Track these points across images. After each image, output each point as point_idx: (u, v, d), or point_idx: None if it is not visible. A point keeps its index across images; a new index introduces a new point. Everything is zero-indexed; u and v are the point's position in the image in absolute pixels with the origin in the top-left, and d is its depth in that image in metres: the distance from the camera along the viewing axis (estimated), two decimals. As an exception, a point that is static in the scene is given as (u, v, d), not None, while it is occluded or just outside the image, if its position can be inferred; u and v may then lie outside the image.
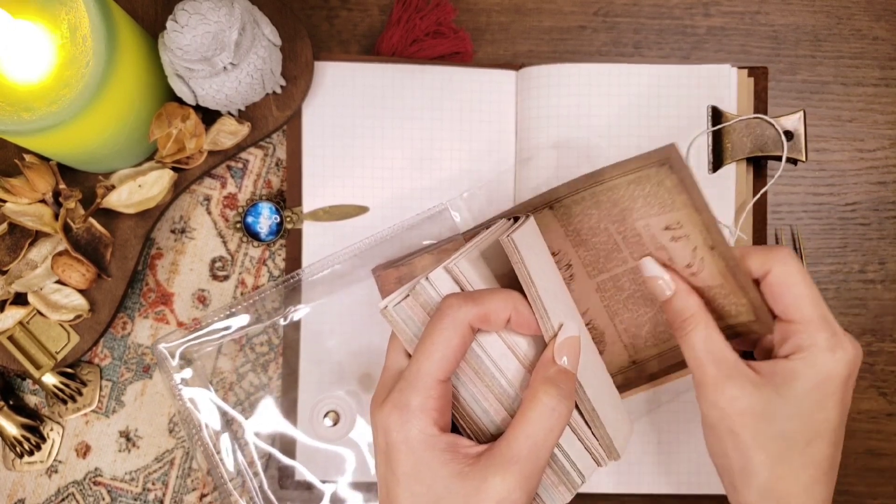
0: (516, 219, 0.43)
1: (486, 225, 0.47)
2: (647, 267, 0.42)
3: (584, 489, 0.52)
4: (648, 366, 0.46)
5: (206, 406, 0.51)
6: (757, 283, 0.40)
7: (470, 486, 0.34)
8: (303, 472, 0.51)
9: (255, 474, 0.51)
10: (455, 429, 0.39)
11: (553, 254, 0.44)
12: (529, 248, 0.38)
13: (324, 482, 0.51)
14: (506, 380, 0.38)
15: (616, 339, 0.46)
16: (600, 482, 0.52)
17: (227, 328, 0.51)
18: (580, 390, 0.38)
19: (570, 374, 0.37)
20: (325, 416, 0.50)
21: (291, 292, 0.51)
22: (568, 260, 0.45)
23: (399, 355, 0.39)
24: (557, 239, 0.44)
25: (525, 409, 0.36)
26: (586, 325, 0.45)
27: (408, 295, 0.38)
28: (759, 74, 0.52)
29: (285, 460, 0.51)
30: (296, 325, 0.51)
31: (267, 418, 0.51)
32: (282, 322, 0.51)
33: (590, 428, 0.39)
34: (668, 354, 0.44)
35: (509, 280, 0.38)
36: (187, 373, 0.50)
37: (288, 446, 0.51)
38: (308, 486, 0.51)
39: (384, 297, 0.47)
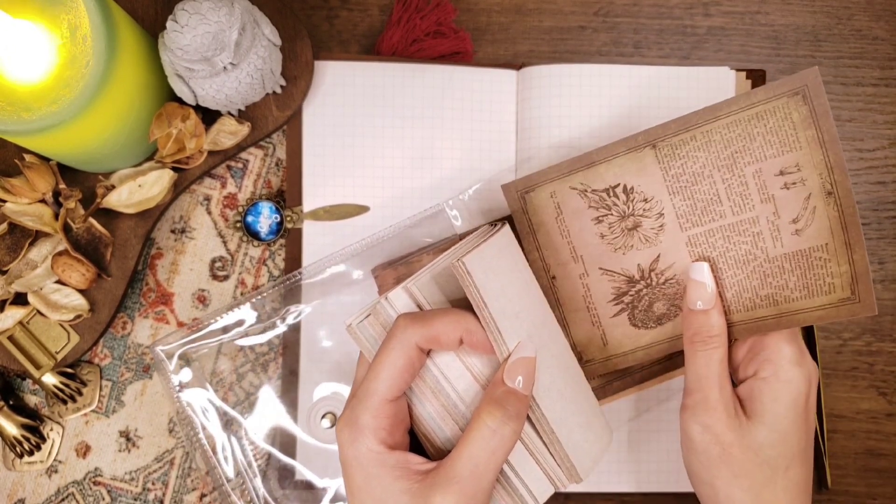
0: (496, 224, 0.43)
1: (474, 230, 0.46)
2: (698, 270, 0.43)
3: (585, 489, 0.52)
4: (729, 332, 0.44)
5: (205, 407, 0.51)
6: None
7: (416, 502, 0.35)
8: (302, 471, 0.51)
9: (255, 475, 0.51)
10: (418, 444, 0.39)
11: (644, 200, 0.43)
12: (488, 267, 0.38)
13: (323, 482, 0.51)
14: (460, 399, 0.38)
15: None
16: (600, 481, 0.52)
17: (226, 329, 0.51)
18: (537, 410, 0.38)
19: (519, 395, 0.36)
20: (323, 417, 0.50)
21: (291, 292, 0.51)
22: (661, 209, 0.43)
23: (364, 370, 0.40)
24: (654, 184, 0.43)
25: (469, 430, 0.36)
26: (670, 279, 0.44)
27: (370, 314, 0.39)
28: (756, 77, 0.52)
29: (285, 460, 0.51)
30: (295, 326, 0.51)
31: (266, 418, 0.51)
32: (279, 323, 0.51)
33: (547, 449, 0.39)
34: (749, 326, 0.43)
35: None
36: (186, 373, 0.50)
37: (288, 446, 0.51)
38: (308, 486, 0.51)
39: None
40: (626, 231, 0.44)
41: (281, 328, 0.51)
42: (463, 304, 0.38)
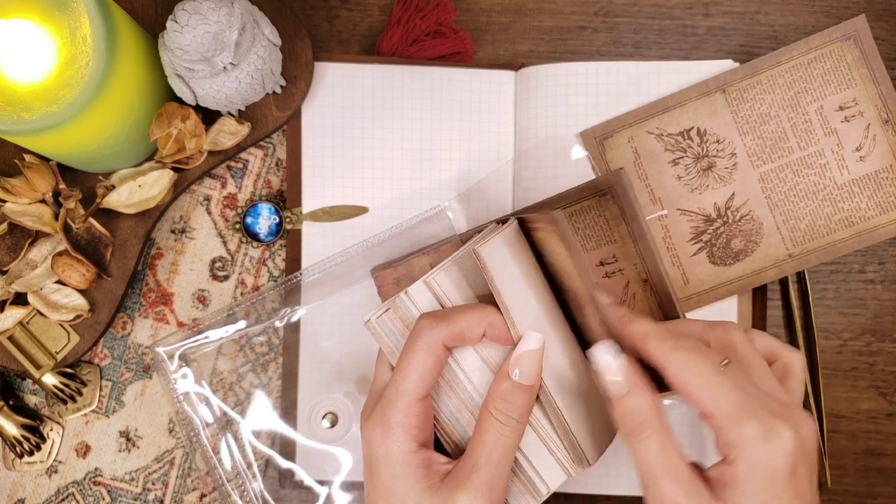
0: (505, 221, 0.43)
1: (479, 229, 0.47)
2: (598, 358, 0.37)
3: (584, 490, 0.52)
4: (807, 260, 0.48)
5: (205, 408, 0.51)
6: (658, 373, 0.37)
7: (438, 500, 0.36)
8: (300, 474, 0.51)
9: (255, 475, 0.51)
10: (438, 441, 0.40)
11: (717, 141, 0.47)
12: (502, 256, 0.38)
13: (322, 482, 0.51)
14: (478, 394, 0.38)
15: (774, 230, 0.48)
16: (599, 484, 0.52)
17: (226, 331, 0.51)
18: (548, 397, 0.38)
19: (522, 387, 0.37)
20: (324, 417, 0.50)
21: (291, 293, 0.51)
22: (732, 149, 0.48)
23: (385, 369, 0.40)
24: (725, 126, 0.48)
25: (478, 423, 0.37)
26: (745, 216, 0.47)
27: (389, 308, 0.39)
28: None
29: (284, 461, 0.51)
30: (295, 326, 0.51)
31: (266, 419, 0.51)
32: (279, 324, 0.51)
33: (558, 436, 0.39)
34: (827, 251, 0.48)
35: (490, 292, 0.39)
36: (186, 374, 0.50)
37: (287, 447, 0.51)
38: (307, 486, 0.51)
39: (382, 298, 0.48)
40: (701, 171, 0.48)
41: (281, 329, 0.51)
42: (482, 299, 0.39)
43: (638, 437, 0.36)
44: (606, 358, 0.37)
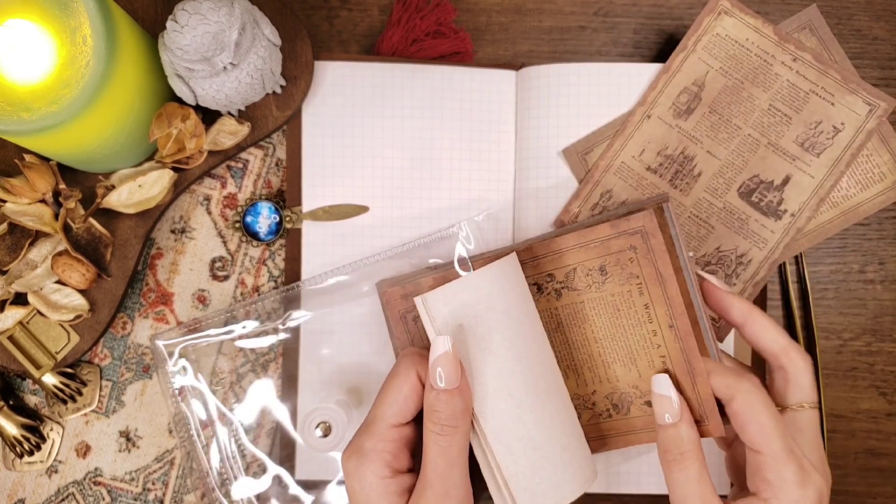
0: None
1: (483, 255, 0.48)
2: (659, 383, 0.41)
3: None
4: (798, 245, 0.50)
5: (199, 404, 0.51)
6: (722, 407, 0.41)
7: None
8: (286, 479, 0.51)
9: (255, 474, 0.51)
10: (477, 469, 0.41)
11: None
12: (462, 303, 0.40)
13: (315, 484, 0.51)
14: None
15: None
16: (598, 483, 0.52)
17: (229, 331, 0.51)
18: (488, 447, 0.40)
19: (446, 392, 0.38)
20: (317, 427, 0.50)
21: (292, 298, 0.51)
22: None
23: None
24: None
25: (423, 440, 0.39)
26: None
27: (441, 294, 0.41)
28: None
29: (273, 469, 0.51)
30: (295, 330, 0.51)
31: (265, 421, 0.51)
32: (281, 327, 0.51)
33: (497, 483, 0.40)
34: (816, 233, 0.50)
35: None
36: (185, 367, 0.50)
37: (287, 447, 0.51)
38: (308, 486, 0.51)
39: (389, 312, 0.47)
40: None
41: (281, 333, 0.51)
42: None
43: (680, 464, 0.39)
44: (666, 386, 0.41)
